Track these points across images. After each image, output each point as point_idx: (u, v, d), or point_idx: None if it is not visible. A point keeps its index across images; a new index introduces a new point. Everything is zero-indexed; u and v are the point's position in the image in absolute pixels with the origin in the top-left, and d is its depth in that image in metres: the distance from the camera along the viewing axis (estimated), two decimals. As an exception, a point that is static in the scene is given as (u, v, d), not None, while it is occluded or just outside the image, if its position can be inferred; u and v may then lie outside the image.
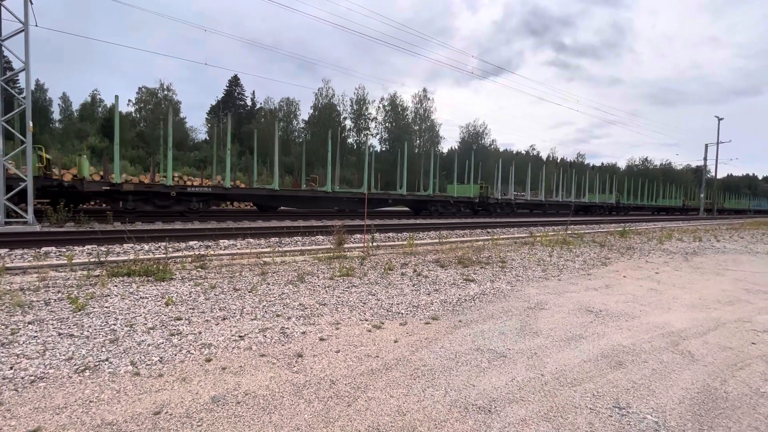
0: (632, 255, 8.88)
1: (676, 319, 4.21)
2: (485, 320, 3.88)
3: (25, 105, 9.53)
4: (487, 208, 24.58)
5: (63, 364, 2.57)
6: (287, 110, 57.45)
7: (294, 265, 6.06)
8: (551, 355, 3.07)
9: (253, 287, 4.62)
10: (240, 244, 8.25)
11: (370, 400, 2.30)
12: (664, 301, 4.91)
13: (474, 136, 69.12)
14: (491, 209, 24.73)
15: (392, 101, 58.49)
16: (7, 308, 3.53)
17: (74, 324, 3.24)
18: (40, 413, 2.02)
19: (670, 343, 3.47)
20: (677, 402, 2.43)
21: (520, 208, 28.23)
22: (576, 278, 6.13)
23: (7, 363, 2.53)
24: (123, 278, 4.79)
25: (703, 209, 44.52)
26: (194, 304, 3.93)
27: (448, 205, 22.03)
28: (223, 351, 2.89)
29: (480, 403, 2.32)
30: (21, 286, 4.29)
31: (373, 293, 4.67)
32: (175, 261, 5.92)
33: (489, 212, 24.61)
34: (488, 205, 24.50)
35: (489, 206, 24.54)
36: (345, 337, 3.29)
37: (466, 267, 6.51)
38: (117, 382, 2.38)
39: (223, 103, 61.35)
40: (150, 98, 49.79)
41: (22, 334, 2.98)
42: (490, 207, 24.59)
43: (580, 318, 4.07)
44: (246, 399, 2.25)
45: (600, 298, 4.96)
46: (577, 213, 31.90)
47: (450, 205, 22.10)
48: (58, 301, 3.79)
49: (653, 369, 2.90)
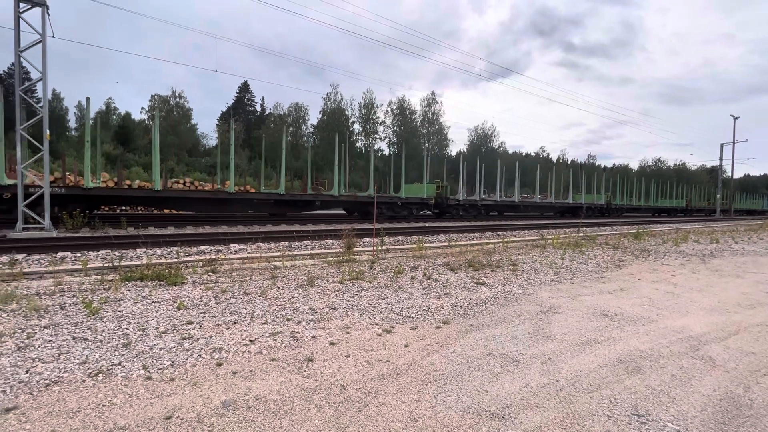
0: (647, 257, 8.70)
1: (694, 323, 4.09)
2: (497, 324, 3.82)
3: (42, 114, 9.77)
4: (448, 210, 21.51)
5: (77, 368, 2.59)
6: (296, 115, 57.99)
7: (304, 269, 6.07)
8: (566, 360, 3.00)
9: (264, 291, 4.63)
10: (250, 248, 8.30)
11: (381, 406, 2.27)
12: (681, 305, 4.79)
13: (482, 138, 68.86)
14: (452, 212, 21.61)
15: (400, 105, 58.65)
16: (23, 312, 3.59)
17: (88, 328, 3.27)
18: (54, 417, 2.04)
19: (689, 348, 3.37)
20: (699, 409, 2.35)
21: (491, 210, 24.99)
22: (589, 281, 6.01)
23: (23, 367, 2.56)
24: (136, 282, 4.84)
25: (719, 210, 43.50)
26: (205, 308, 3.95)
27: (395, 208, 19.07)
28: (233, 355, 2.89)
29: (493, 409, 2.27)
30: (37, 290, 4.36)
31: (383, 297, 4.64)
32: (187, 265, 5.97)
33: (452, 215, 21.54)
34: (448, 207, 21.42)
35: (449, 208, 21.45)
36: (355, 341, 3.27)
37: (476, 270, 6.44)
38: (129, 386, 2.39)
39: (233, 109, 62.16)
40: (162, 105, 50.70)
41: (38, 338, 3.02)
42: (451, 209, 21.52)
43: (594, 322, 3.98)
44: (256, 404, 2.24)
45: (615, 301, 4.85)
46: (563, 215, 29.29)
47: (398, 207, 19.15)
48: (72, 306, 3.85)
49: (673, 375, 2.81)
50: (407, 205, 19.82)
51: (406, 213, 19.67)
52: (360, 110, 57.26)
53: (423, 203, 20.36)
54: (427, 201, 20.33)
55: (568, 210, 29.94)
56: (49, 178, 9.96)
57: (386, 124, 58.80)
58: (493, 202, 24.28)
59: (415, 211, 20.35)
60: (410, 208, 19.99)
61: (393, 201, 18.90)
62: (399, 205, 19.21)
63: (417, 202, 20.16)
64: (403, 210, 19.54)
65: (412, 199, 20.02)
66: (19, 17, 9.45)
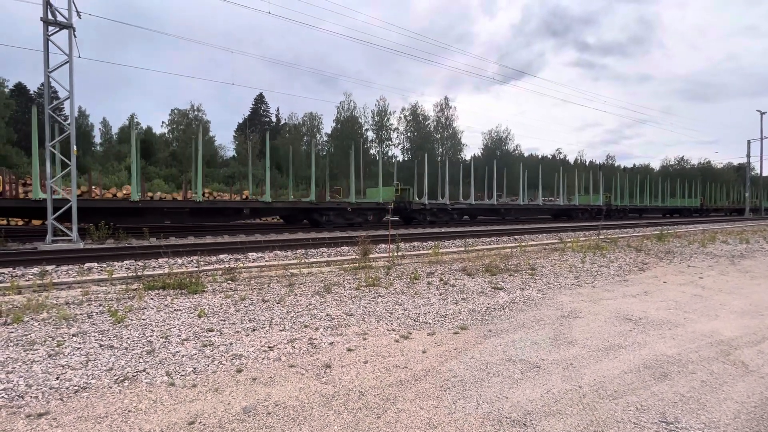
0: (672, 259, 8.41)
1: (725, 326, 3.92)
2: (516, 330, 3.76)
3: (70, 131, 10.21)
4: (413, 216, 19.37)
5: (104, 374, 2.68)
6: (310, 125, 58.83)
7: (320, 276, 6.11)
8: (588, 365, 2.93)
9: (281, 298, 4.68)
10: (268, 256, 8.42)
11: (399, 412, 2.26)
12: (710, 308, 4.61)
13: (497, 142, 68.27)
14: (418, 217, 19.38)
15: (413, 111, 58.81)
16: (54, 321, 3.73)
17: (114, 336, 3.38)
18: (83, 422, 2.11)
19: (719, 352, 3.24)
20: (732, 417, 2.25)
21: (463, 214, 22.41)
22: (611, 285, 5.86)
23: (54, 373, 2.66)
24: (158, 291, 4.97)
25: (748, 209, 41.78)
26: (225, 315, 4.03)
27: (345, 214, 17.08)
28: (253, 362, 2.93)
29: (514, 416, 2.23)
30: (66, 300, 4.53)
31: (400, 303, 4.63)
32: (207, 274, 6.10)
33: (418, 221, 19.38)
34: (412, 212, 19.22)
35: (414, 213, 19.24)
36: (373, 347, 3.26)
37: (493, 275, 6.36)
38: (153, 392, 2.45)
39: (250, 121, 63.55)
40: (182, 119, 52.27)
41: (67, 346, 3.13)
42: (416, 214, 19.29)
43: (618, 326, 3.87)
44: (276, 410, 2.26)
45: (639, 305, 4.70)
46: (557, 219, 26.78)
47: (349, 214, 17.17)
48: (99, 314, 3.98)
49: (702, 381, 2.70)
50: (361, 212, 17.66)
51: (361, 220, 17.64)
52: (373, 118, 57.69)
53: (380, 209, 18.14)
54: (384, 206, 17.68)
55: (562, 212, 27.22)
56: (76, 192, 10.37)
57: (399, 131, 59.02)
58: (467, 206, 21.94)
59: (372, 217, 18.23)
60: (365, 215, 17.84)
61: (341, 207, 16.91)
62: (349, 212, 17.19)
63: (372, 207, 18.04)
64: (357, 217, 17.52)
65: (365, 205, 17.91)
66: (48, 40, 9.95)
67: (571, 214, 27.15)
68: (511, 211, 23.98)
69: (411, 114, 58.91)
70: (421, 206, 19.33)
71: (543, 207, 26.34)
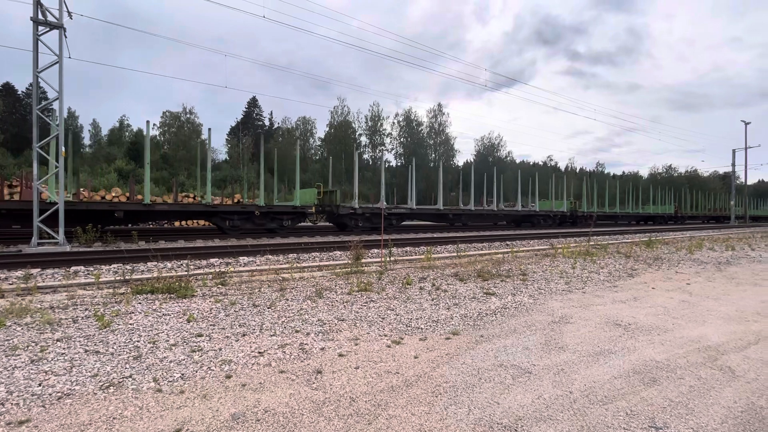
0: (660, 266, 8.53)
1: (712, 332, 3.98)
2: (508, 335, 3.76)
3: (58, 132, 10.05)
4: (342, 221, 17.99)
5: (88, 380, 2.61)
6: (303, 129, 58.79)
7: (312, 281, 6.07)
8: (579, 371, 2.94)
9: (272, 303, 4.64)
10: (259, 260, 8.34)
11: (391, 418, 2.24)
12: (698, 314, 4.67)
13: (489, 148, 68.95)
14: (349, 222, 17.87)
15: (407, 116, 59.15)
16: (37, 326, 3.64)
17: (100, 341, 3.31)
18: (65, 430, 2.05)
19: (707, 358, 3.28)
20: (719, 422, 2.27)
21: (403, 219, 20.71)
22: (601, 290, 5.91)
23: (36, 380, 2.59)
24: (147, 295, 4.89)
25: (734, 217, 42.67)
26: (215, 320, 3.97)
27: (255, 219, 15.40)
28: (242, 367, 2.89)
29: (505, 421, 2.22)
30: (51, 304, 4.43)
31: (392, 308, 4.61)
32: (197, 278, 6.02)
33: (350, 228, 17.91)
34: (341, 217, 17.84)
35: (343, 218, 17.83)
36: (364, 353, 3.24)
37: (485, 280, 6.38)
38: (140, 398, 2.40)
39: (243, 124, 63.24)
40: (173, 122, 51.86)
41: (51, 351, 3.06)
42: (346, 219, 17.82)
43: (608, 332, 3.90)
44: (266, 416, 2.23)
45: (628, 311, 4.75)
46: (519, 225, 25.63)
47: (258, 219, 15.46)
48: (85, 319, 3.89)
49: (690, 386, 2.73)
50: (274, 216, 15.99)
51: (275, 225, 16.07)
52: (367, 122, 57.87)
53: (296, 213, 16.63)
54: (303, 210, 16.64)
55: (523, 218, 25.89)
56: (63, 194, 10.18)
57: (393, 136, 59.25)
58: (407, 211, 19.93)
59: (290, 222, 16.64)
60: (279, 220, 16.14)
61: (248, 211, 15.19)
62: (258, 216, 15.43)
63: (288, 211, 16.35)
64: (270, 222, 15.93)
65: (279, 209, 16.15)
66: (38, 40, 9.81)
67: (532, 221, 25.88)
68: (461, 217, 22.36)
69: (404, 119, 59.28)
70: (351, 210, 17.72)
71: (498, 213, 24.31)
